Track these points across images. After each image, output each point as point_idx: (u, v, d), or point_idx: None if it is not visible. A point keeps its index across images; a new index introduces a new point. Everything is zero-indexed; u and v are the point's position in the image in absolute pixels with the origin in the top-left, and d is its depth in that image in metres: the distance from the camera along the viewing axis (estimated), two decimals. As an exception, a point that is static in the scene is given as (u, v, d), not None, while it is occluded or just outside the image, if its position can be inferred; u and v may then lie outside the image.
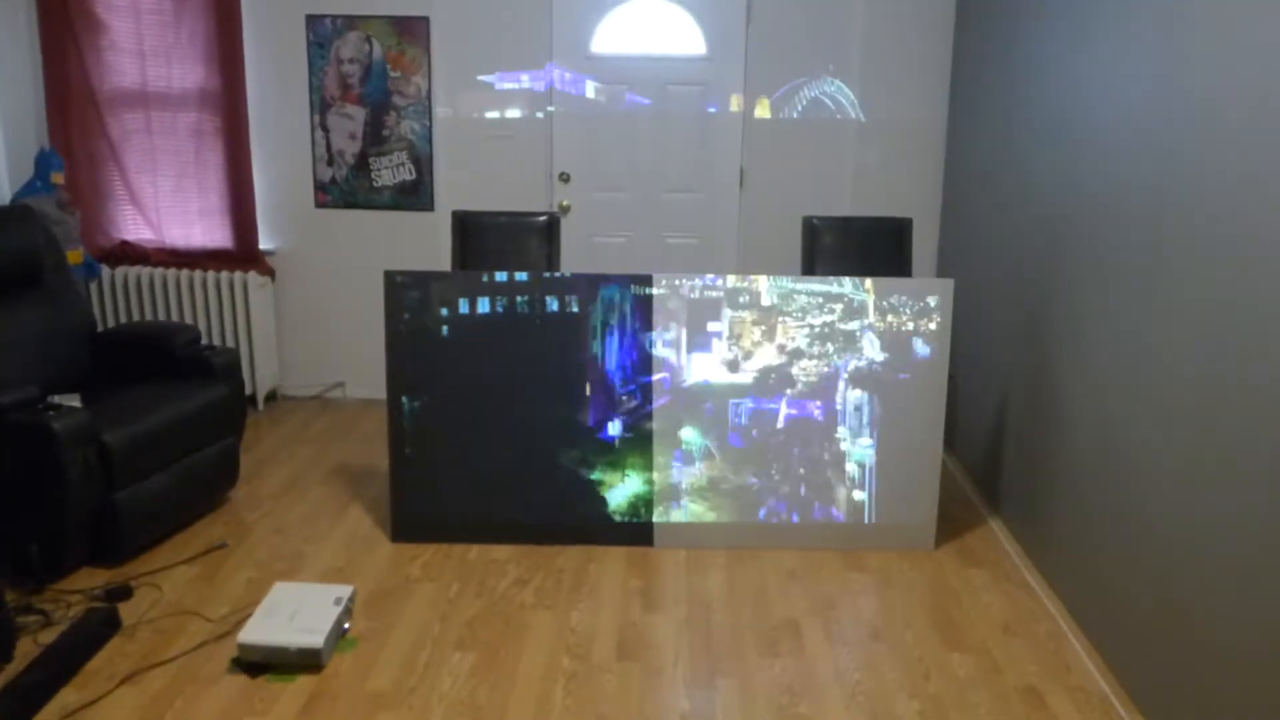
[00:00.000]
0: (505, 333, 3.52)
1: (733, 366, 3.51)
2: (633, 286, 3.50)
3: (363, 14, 4.84)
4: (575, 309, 3.51)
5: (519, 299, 3.51)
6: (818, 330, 3.50)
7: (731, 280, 3.49)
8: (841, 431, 3.55)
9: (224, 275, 4.93)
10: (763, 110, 4.88)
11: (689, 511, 3.59)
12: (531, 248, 4.16)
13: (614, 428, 3.56)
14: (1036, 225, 3.54)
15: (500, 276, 3.50)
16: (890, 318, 3.49)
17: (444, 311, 3.52)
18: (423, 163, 5.00)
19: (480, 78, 4.92)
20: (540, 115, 4.94)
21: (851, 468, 3.56)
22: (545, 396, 3.55)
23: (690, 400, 3.53)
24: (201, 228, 5.04)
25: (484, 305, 3.52)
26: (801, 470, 3.57)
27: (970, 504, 4.06)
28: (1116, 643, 2.80)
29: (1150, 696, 2.59)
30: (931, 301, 3.49)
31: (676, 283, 3.50)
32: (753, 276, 3.50)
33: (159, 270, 4.94)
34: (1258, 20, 2.18)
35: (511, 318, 3.52)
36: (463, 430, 3.57)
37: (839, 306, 3.49)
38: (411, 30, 4.84)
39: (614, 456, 3.57)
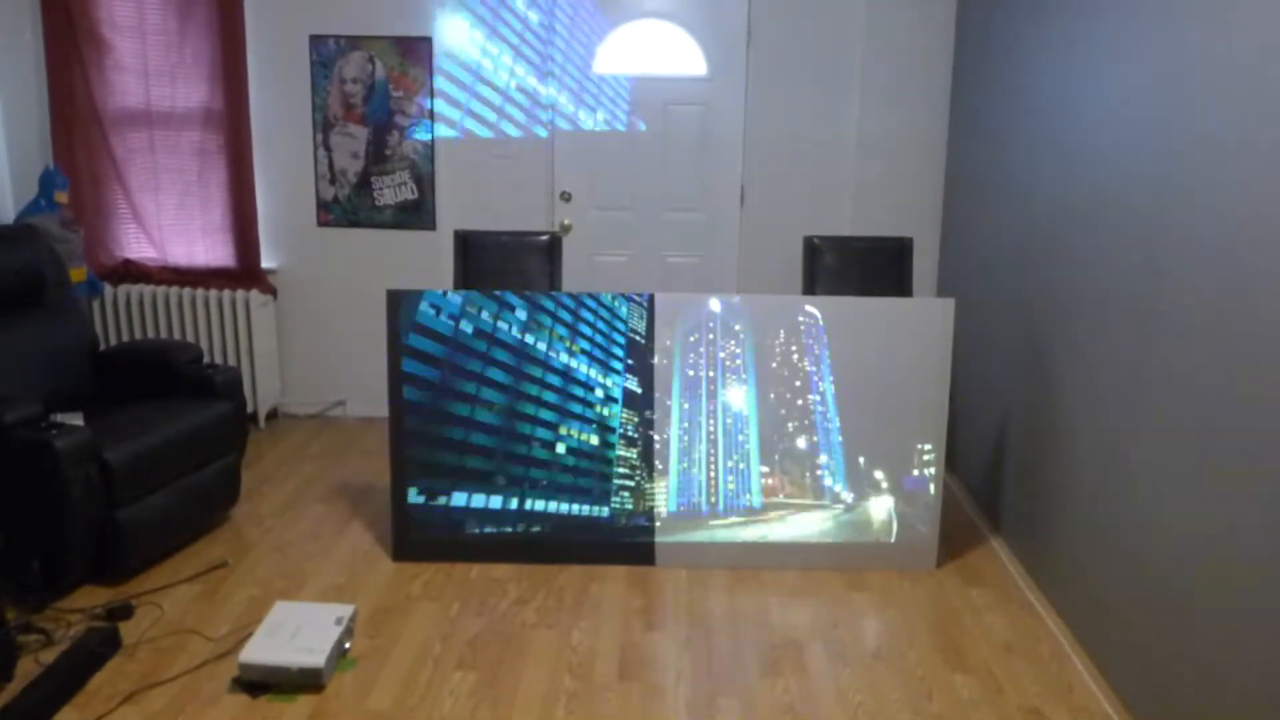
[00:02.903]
0: (506, 350, 3.53)
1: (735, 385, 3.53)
2: (639, 302, 3.52)
3: (366, 34, 4.88)
4: (578, 325, 3.52)
5: (519, 317, 3.52)
6: (818, 349, 3.51)
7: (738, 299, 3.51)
8: (841, 451, 3.55)
9: (226, 293, 4.95)
10: (764, 129, 4.91)
11: (688, 530, 3.59)
12: (533, 267, 4.18)
13: (617, 442, 3.56)
14: (1037, 243, 3.55)
15: (497, 294, 3.52)
16: (891, 337, 3.50)
17: (446, 330, 3.53)
18: (425, 182, 5.02)
19: (482, 97, 4.94)
20: (542, 135, 4.97)
21: (850, 486, 3.57)
22: (548, 413, 3.55)
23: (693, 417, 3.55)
24: (204, 246, 5.06)
25: (485, 324, 3.53)
26: (805, 485, 3.57)
27: (971, 523, 4.06)
28: (1119, 662, 2.79)
29: (1153, 716, 2.58)
30: (932, 321, 3.50)
31: (688, 299, 3.51)
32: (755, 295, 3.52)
33: (161, 288, 4.96)
34: (1257, 36, 2.20)
35: (513, 336, 3.53)
36: (465, 449, 3.57)
37: (842, 325, 3.50)
38: (414, 50, 4.88)
39: (614, 472, 3.57)
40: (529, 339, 3.53)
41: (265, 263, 5.11)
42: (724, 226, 5.03)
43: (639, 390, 3.54)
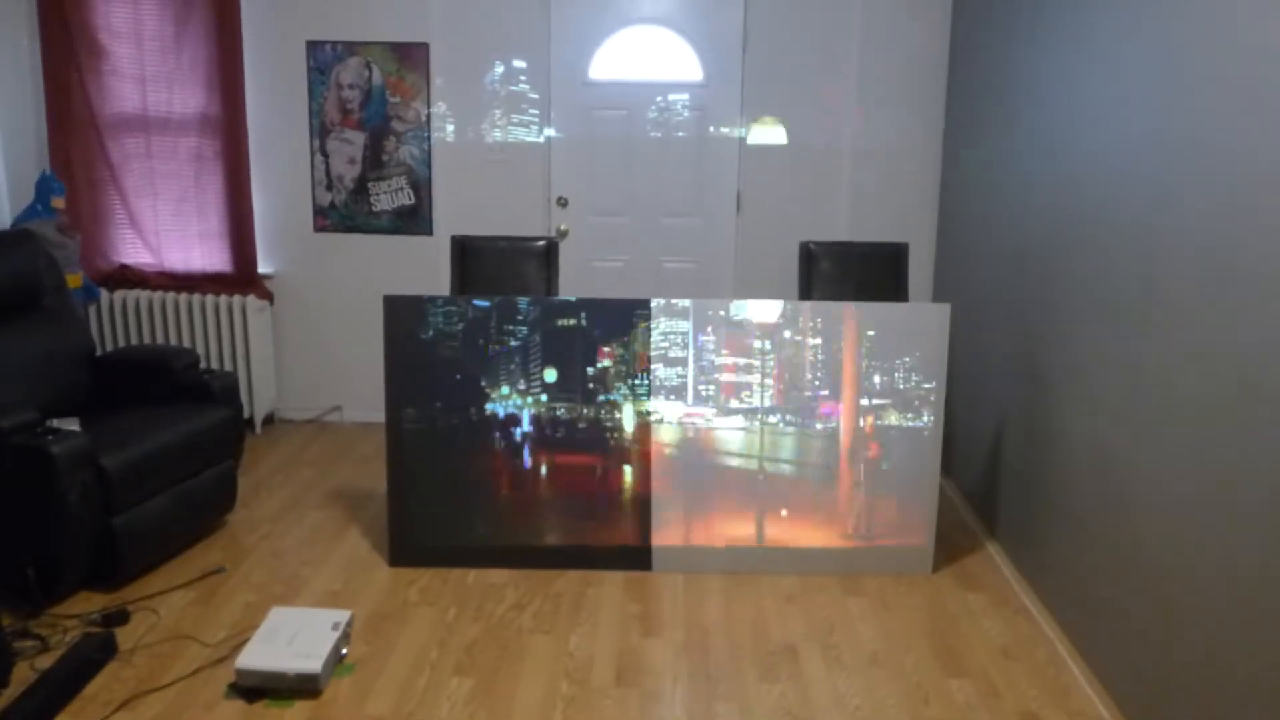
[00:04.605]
0: (503, 355, 3.53)
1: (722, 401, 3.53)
2: (638, 311, 3.52)
3: (363, 40, 4.88)
4: (577, 331, 3.53)
5: (516, 323, 3.53)
6: (815, 355, 3.52)
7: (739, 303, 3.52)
8: (839, 454, 3.56)
9: (223, 299, 4.95)
10: (759, 135, 4.92)
11: (685, 533, 3.59)
12: (530, 272, 4.18)
13: (615, 445, 3.57)
14: (1032, 248, 3.56)
15: (493, 299, 3.52)
16: (888, 343, 3.51)
17: (443, 336, 3.53)
18: (422, 187, 5.02)
19: (479, 103, 4.95)
20: (538, 140, 4.98)
21: (847, 492, 3.57)
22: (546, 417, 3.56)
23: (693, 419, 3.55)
24: (201, 251, 5.06)
25: (483, 329, 3.53)
26: (800, 490, 3.58)
27: (968, 528, 4.07)
28: (1115, 667, 2.80)
29: (1149, 721, 2.59)
30: (928, 326, 3.51)
31: (683, 305, 3.52)
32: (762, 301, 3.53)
33: (158, 294, 4.95)
34: (1253, 50, 2.21)
35: (511, 341, 3.53)
36: (461, 454, 3.57)
37: (837, 331, 3.51)
38: (411, 56, 4.88)
39: (609, 474, 3.58)
40: (528, 343, 3.54)
41: (262, 268, 5.11)
42: (720, 232, 5.04)
43: (643, 389, 3.55)
